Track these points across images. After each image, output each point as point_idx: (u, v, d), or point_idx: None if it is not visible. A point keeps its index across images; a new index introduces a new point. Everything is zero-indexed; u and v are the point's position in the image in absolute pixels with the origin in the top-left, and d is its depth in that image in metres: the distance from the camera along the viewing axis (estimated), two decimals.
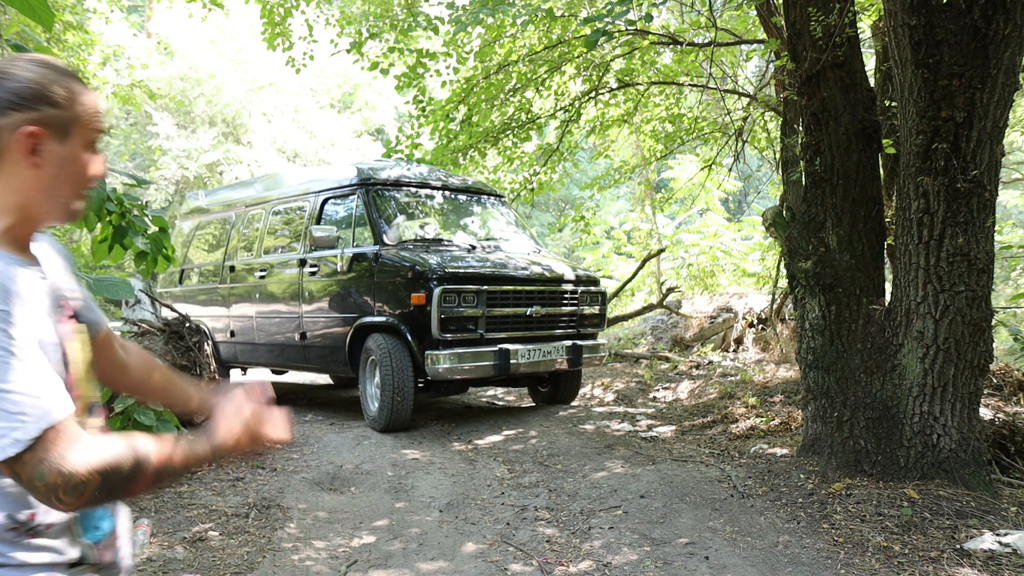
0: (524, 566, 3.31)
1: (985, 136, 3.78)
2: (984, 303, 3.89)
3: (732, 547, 3.42)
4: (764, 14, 5.84)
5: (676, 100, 9.01)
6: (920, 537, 3.40)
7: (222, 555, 3.37)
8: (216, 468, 4.80)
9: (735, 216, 17.50)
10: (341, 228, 6.34)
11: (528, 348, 5.88)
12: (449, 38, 7.68)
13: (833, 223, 4.43)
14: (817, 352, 4.38)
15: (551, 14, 6.95)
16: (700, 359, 8.83)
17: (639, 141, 10.86)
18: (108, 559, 1.18)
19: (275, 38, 8.88)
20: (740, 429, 5.57)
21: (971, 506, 3.63)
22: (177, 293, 8.33)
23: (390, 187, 6.56)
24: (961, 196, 3.81)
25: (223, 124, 20.08)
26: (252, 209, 7.64)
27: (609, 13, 4.20)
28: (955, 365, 3.89)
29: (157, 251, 2.70)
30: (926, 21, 3.73)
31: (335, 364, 6.48)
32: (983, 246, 3.86)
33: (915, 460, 3.95)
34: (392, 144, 8.67)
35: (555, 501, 4.16)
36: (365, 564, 3.35)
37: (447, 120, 8.31)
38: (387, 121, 23.28)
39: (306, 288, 6.56)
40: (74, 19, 9.89)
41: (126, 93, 11.65)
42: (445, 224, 6.82)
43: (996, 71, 3.69)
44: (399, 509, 4.10)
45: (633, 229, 15.21)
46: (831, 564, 3.21)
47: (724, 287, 12.55)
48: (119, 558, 1.22)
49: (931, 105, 3.81)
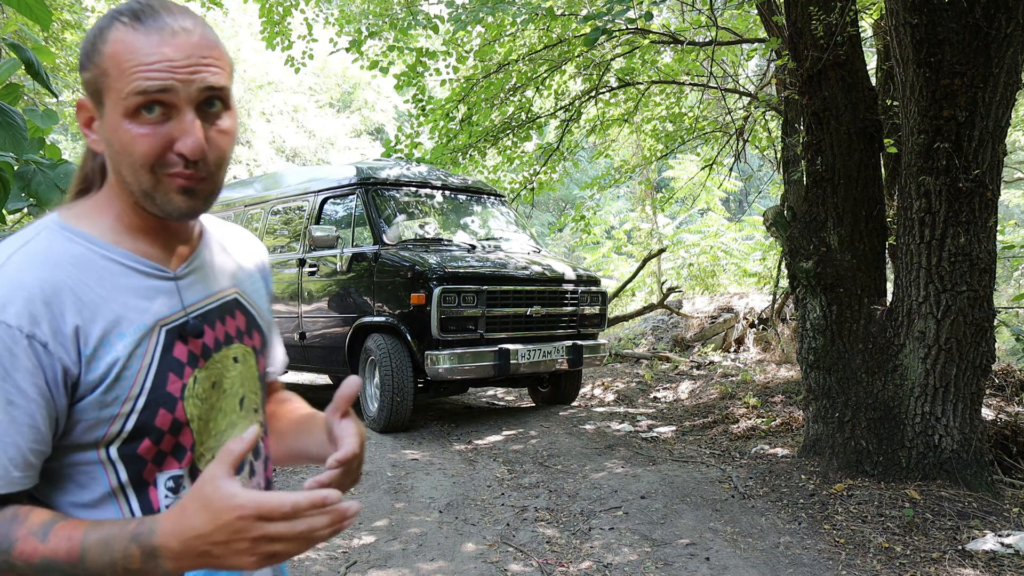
0: (524, 567, 3.30)
1: (987, 135, 3.77)
2: (986, 303, 3.87)
3: (733, 548, 3.41)
4: (765, 13, 5.82)
5: (677, 99, 8.99)
6: (922, 538, 3.39)
7: None
8: None
9: (736, 216, 17.49)
10: (340, 228, 6.32)
11: (528, 348, 5.87)
12: (449, 37, 7.67)
13: (834, 223, 4.42)
14: (818, 352, 4.37)
15: (551, 13, 6.93)
16: (701, 359, 8.82)
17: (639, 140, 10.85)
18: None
19: (274, 37, 8.86)
20: (741, 429, 5.55)
21: (973, 507, 3.62)
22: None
23: (390, 187, 6.55)
24: (963, 196, 3.80)
25: None
26: (251, 209, 7.63)
27: (609, 11, 4.19)
28: (957, 365, 3.87)
29: None
30: (928, 20, 3.72)
31: (334, 364, 6.46)
32: (985, 246, 3.84)
33: (917, 461, 3.93)
34: (392, 143, 8.65)
35: (555, 502, 4.15)
36: (365, 564, 3.34)
37: (447, 119, 8.29)
38: (386, 120, 23.27)
39: (305, 288, 6.55)
40: (72, 18, 9.88)
41: None
42: (445, 224, 6.80)
43: (998, 70, 3.68)
44: (399, 509, 4.09)
45: (633, 229, 15.19)
46: (832, 565, 3.20)
47: (725, 287, 12.53)
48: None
49: (933, 104, 3.79)
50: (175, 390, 0.86)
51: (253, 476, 0.98)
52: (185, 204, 0.84)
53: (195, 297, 0.92)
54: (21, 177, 1.86)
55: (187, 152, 0.80)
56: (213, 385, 0.91)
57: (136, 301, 0.86)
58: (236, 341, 0.95)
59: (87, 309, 0.82)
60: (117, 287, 0.85)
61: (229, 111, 0.86)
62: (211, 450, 0.91)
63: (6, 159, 1.81)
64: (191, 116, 0.81)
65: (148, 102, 0.80)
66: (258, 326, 1.00)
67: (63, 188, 1.90)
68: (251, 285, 1.02)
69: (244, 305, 0.98)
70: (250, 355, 0.97)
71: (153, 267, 0.88)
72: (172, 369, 0.87)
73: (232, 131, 0.86)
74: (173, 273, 0.90)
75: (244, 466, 0.94)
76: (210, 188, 0.85)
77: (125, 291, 0.85)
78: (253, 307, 1.00)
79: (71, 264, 0.83)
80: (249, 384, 0.97)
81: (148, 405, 0.84)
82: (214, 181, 0.85)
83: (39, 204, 1.91)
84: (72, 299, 0.81)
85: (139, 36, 0.80)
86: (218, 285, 0.95)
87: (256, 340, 0.99)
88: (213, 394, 0.91)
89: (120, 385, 0.83)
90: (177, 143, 0.81)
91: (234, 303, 0.97)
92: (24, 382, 0.78)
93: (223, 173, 0.87)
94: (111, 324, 0.83)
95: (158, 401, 0.85)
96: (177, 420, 0.87)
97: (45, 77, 1.89)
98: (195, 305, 0.91)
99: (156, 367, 0.85)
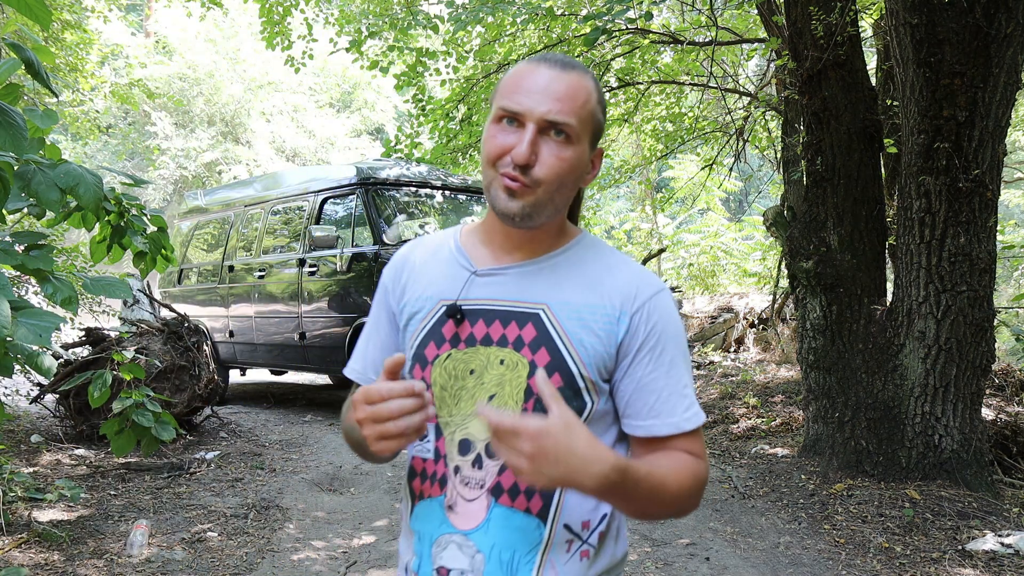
0: None
1: (987, 135, 3.77)
2: (986, 303, 3.87)
3: (733, 548, 3.41)
4: (765, 13, 5.82)
5: (677, 99, 8.99)
6: (922, 538, 3.39)
7: (221, 556, 3.36)
8: (215, 468, 4.78)
9: (736, 216, 17.48)
10: (340, 228, 6.32)
11: None
12: (449, 37, 7.66)
13: (834, 223, 4.42)
14: (818, 352, 4.37)
15: (551, 13, 6.93)
16: (701, 359, 8.82)
17: (639, 140, 10.85)
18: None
19: (274, 37, 8.86)
20: (741, 429, 5.55)
21: (973, 507, 3.62)
22: (176, 293, 8.31)
23: (389, 186, 6.55)
24: (963, 195, 3.79)
25: (222, 123, 20.07)
26: (251, 209, 7.62)
27: (609, 11, 4.19)
28: (957, 365, 3.87)
29: (156, 251, 2.69)
30: (928, 20, 3.72)
31: (334, 364, 6.46)
32: (985, 246, 3.84)
33: (917, 461, 3.93)
34: (391, 143, 8.65)
35: None
36: (364, 564, 3.33)
37: (447, 119, 8.29)
38: (386, 120, 23.25)
39: (305, 288, 6.55)
40: (72, 18, 9.86)
41: (124, 92, 11.61)
42: (445, 223, 6.80)
43: (998, 70, 3.68)
44: (399, 509, 4.09)
45: (633, 229, 15.19)
46: (832, 565, 3.20)
47: (725, 287, 12.53)
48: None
49: (933, 104, 3.79)
50: (429, 355, 1.07)
51: (480, 467, 1.04)
52: (505, 204, 1.00)
53: (480, 294, 1.07)
54: (21, 177, 1.86)
55: (514, 156, 0.98)
56: (471, 372, 1.05)
57: (440, 281, 1.10)
58: (511, 347, 1.04)
59: (414, 276, 1.13)
60: (439, 269, 1.12)
61: (572, 146, 1.01)
62: (451, 422, 1.05)
63: (6, 159, 1.81)
64: (530, 132, 0.98)
65: (506, 114, 1.01)
66: (553, 347, 1.03)
67: (63, 188, 1.90)
68: (574, 315, 1.04)
69: (544, 324, 1.04)
70: (523, 366, 1.03)
71: (466, 261, 1.10)
72: (434, 339, 1.07)
73: (568, 160, 1.00)
74: (475, 269, 1.09)
75: (470, 450, 1.04)
76: (531, 199, 1.00)
77: (440, 274, 1.11)
78: (558, 331, 1.03)
79: (428, 250, 1.15)
80: (509, 389, 1.03)
81: (414, 356, 1.09)
82: (536, 194, 1.00)
83: (39, 204, 1.91)
84: (410, 268, 1.14)
85: (525, 68, 1.03)
86: (523, 296, 1.06)
87: (541, 357, 1.02)
88: (469, 379, 1.05)
89: (408, 331, 1.11)
90: (513, 150, 0.99)
91: (532, 316, 1.04)
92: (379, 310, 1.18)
93: (550, 192, 1.00)
94: (420, 290, 1.11)
95: (417, 357, 1.08)
96: (424, 379, 1.06)
97: (45, 77, 1.88)
98: (475, 299, 1.06)
99: (426, 332, 1.08)
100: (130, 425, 3.04)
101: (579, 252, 1.09)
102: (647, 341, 1.03)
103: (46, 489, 4.02)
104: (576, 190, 1.06)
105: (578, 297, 1.05)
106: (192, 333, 5.79)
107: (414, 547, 1.07)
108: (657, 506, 0.96)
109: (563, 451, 0.83)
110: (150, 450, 3.14)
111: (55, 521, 3.64)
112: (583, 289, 1.05)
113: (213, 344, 7.53)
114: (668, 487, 0.95)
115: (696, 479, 1.00)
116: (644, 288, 1.05)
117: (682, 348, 1.06)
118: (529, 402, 1.01)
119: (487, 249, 1.10)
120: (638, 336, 1.03)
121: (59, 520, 3.67)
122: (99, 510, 3.88)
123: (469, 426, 1.04)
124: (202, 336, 5.93)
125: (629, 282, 1.06)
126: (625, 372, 1.03)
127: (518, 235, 1.07)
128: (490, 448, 1.02)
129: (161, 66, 18.84)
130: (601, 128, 1.07)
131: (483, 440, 1.03)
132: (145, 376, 4.21)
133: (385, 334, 1.16)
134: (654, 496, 0.93)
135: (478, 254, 1.10)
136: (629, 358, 1.03)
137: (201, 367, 5.60)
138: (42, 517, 3.66)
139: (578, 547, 1.02)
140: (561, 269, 1.07)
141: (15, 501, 3.76)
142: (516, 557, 1.00)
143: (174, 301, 7.94)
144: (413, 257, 1.15)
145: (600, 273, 1.07)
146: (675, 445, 1.02)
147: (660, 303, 1.05)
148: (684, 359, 1.06)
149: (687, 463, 1.00)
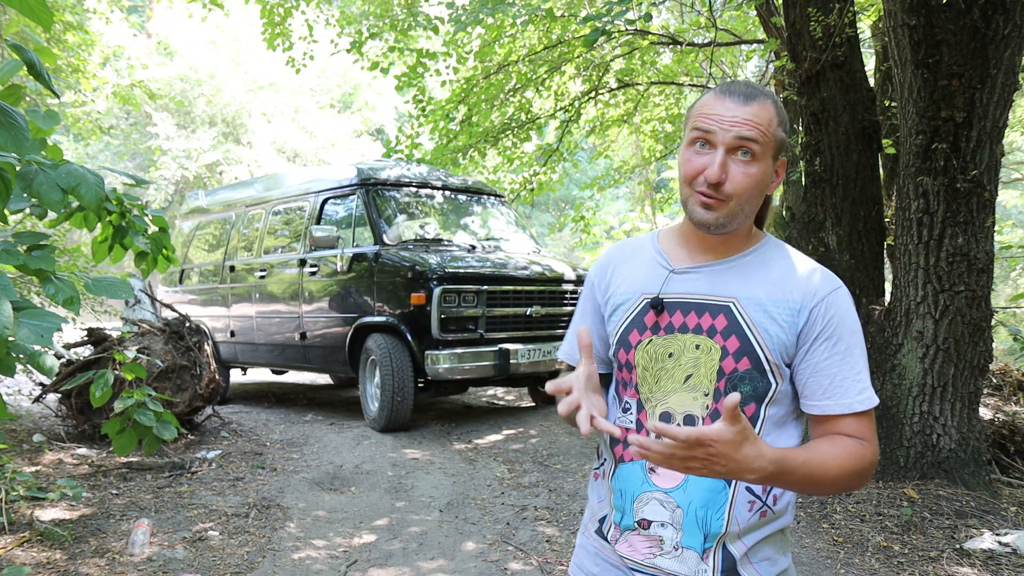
0: (524, 566, 3.31)
1: (985, 136, 3.78)
2: (984, 303, 3.88)
3: None
4: (764, 14, 5.83)
5: (676, 100, 9.01)
6: (920, 537, 3.40)
7: (222, 555, 3.37)
8: (216, 467, 4.80)
9: None
10: (341, 228, 6.34)
11: (528, 348, 5.88)
12: (449, 38, 7.68)
13: (833, 223, 4.43)
14: None
15: (551, 14, 6.95)
16: None
17: (639, 141, 10.87)
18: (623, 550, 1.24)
19: (275, 38, 8.88)
20: None
21: (971, 506, 3.63)
22: (177, 293, 8.34)
23: (390, 187, 6.56)
24: (961, 196, 3.81)
25: (223, 124, 20.09)
26: (252, 209, 7.64)
27: (608, 12, 4.21)
28: (955, 365, 3.89)
29: (157, 251, 2.70)
30: (926, 21, 3.73)
31: (335, 364, 6.48)
32: (983, 246, 3.86)
33: (915, 460, 3.94)
34: (392, 144, 8.67)
35: (555, 501, 4.16)
36: (365, 564, 3.35)
37: (447, 120, 8.31)
38: (387, 121, 23.28)
39: (306, 288, 6.56)
40: (74, 19, 9.89)
41: (126, 93, 11.64)
42: (445, 224, 6.81)
43: (996, 71, 3.69)
44: (399, 509, 4.10)
45: (633, 229, 15.20)
46: (831, 564, 3.21)
47: None
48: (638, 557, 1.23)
49: (931, 105, 3.81)
50: (633, 340, 1.24)
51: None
52: (702, 215, 1.17)
53: (678, 289, 1.23)
54: (23, 177, 1.87)
55: (707, 176, 1.14)
56: (670, 355, 1.21)
57: (643, 278, 1.27)
58: (705, 335, 1.20)
59: (618, 274, 1.31)
60: (641, 268, 1.29)
61: (756, 163, 1.15)
62: (651, 397, 1.23)
63: (8, 160, 1.83)
64: (720, 155, 1.14)
65: (698, 139, 1.17)
66: (742, 335, 1.19)
67: (64, 188, 1.92)
68: (760, 308, 1.19)
69: (735, 315, 1.19)
70: (715, 351, 1.19)
71: (664, 261, 1.27)
72: (637, 327, 1.24)
73: (753, 176, 1.16)
74: (672, 268, 1.25)
75: (670, 421, 1.21)
76: (725, 210, 1.16)
77: (642, 272, 1.28)
78: (747, 321, 1.19)
79: (630, 252, 1.33)
80: (703, 370, 1.19)
81: (618, 341, 1.26)
82: (728, 206, 1.16)
83: (41, 204, 1.92)
84: (614, 267, 1.33)
85: (713, 98, 1.18)
86: (715, 291, 1.21)
87: (731, 343, 1.19)
88: (668, 361, 1.21)
89: (612, 320, 1.29)
90: (706, 170, 1.14)
91: (724, 308, 1.20)
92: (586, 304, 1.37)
93: (740, 203, 1.16)
94: (625, 285, 1.29)
95: (622, 342, 1.26)
96: (628, 360, 1.25)
97: (47, 78, 1.90)
98: (674, 294, 1.23)
99: (630, 320, 1.26)
100: (132, 424, 3.06)
101: (765, 253, 1.24)
102: (824, 331, 1.17)
103: (48, 488, 4.04)
104: (763, 198, 1.21)
105: (764, 292, 1.20)
106: (193, 333, 5.80)
107: (614, 502, 1.26)
108: (818, 486, 1.11)
109: (730, 453, 0.99)
110: (152, 449, 3.16)
111: (57, 520, 3.65)
112: (768, 285, 1.20)
113: (214, 344, 7.55)
114: (828, 470, 1.10)
115: (861, 461, 1.13)
116: (823, 286, 1.20)
117: (858, 339, 1.19)
118: (721, 381, 1.18)
119: (683, 250, 1.27)
120: (816, 327, 1.17)
121: (61, 519, 3.68)
122: (101, 509, 3.90)
123: (669, 400, 1.21)
124: (203, 336, 5.95)
125: (810, 280, 1.21)
126: (803, 357, 1.18)
127: (711, 238, 1.23)
128: (687, 419, 1.20)
129: (162, 67, 18.86)
130: (784, 144, 1.21)
131: (682, 413, 1.20)
132: (147, 376, 4.22)
133: (590, 323, 1.34)
134: (813, 478, 1.09)
135: (675, 255, 1.27)
136: (807, 345, 1.18)
137: (202, 367, 5.61)
138: (44, 516, 3.68)
139: (759, 507, 1.18)
140: (749, 268, 1.23)
141: (17, 500, 3.77)
142: (708, 513, 1.17)
143: (175, 301, 7.96)
144: (617, 257, 1.34)
145: (784, 272, 1.22)
146: (846, 426, 1.17)
147: (837, 299, 1.19)
148: (860, 349, 1.19)
149: (850, 448, 1.14)
